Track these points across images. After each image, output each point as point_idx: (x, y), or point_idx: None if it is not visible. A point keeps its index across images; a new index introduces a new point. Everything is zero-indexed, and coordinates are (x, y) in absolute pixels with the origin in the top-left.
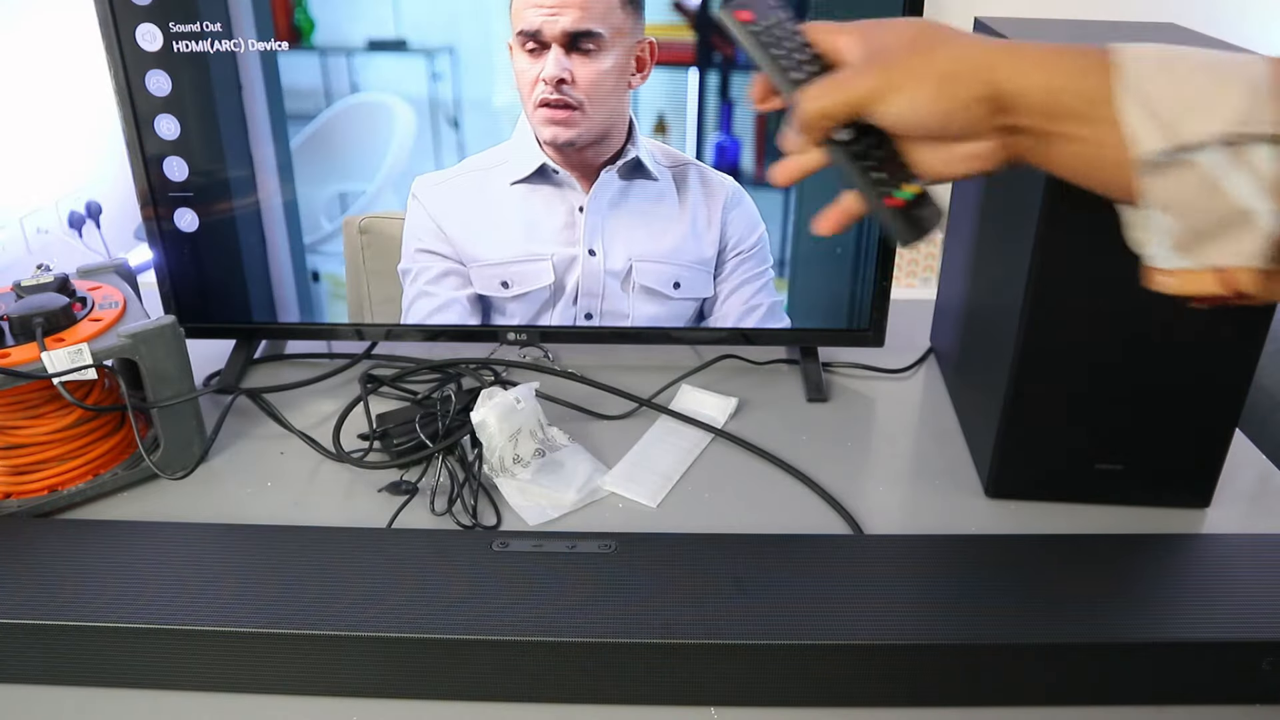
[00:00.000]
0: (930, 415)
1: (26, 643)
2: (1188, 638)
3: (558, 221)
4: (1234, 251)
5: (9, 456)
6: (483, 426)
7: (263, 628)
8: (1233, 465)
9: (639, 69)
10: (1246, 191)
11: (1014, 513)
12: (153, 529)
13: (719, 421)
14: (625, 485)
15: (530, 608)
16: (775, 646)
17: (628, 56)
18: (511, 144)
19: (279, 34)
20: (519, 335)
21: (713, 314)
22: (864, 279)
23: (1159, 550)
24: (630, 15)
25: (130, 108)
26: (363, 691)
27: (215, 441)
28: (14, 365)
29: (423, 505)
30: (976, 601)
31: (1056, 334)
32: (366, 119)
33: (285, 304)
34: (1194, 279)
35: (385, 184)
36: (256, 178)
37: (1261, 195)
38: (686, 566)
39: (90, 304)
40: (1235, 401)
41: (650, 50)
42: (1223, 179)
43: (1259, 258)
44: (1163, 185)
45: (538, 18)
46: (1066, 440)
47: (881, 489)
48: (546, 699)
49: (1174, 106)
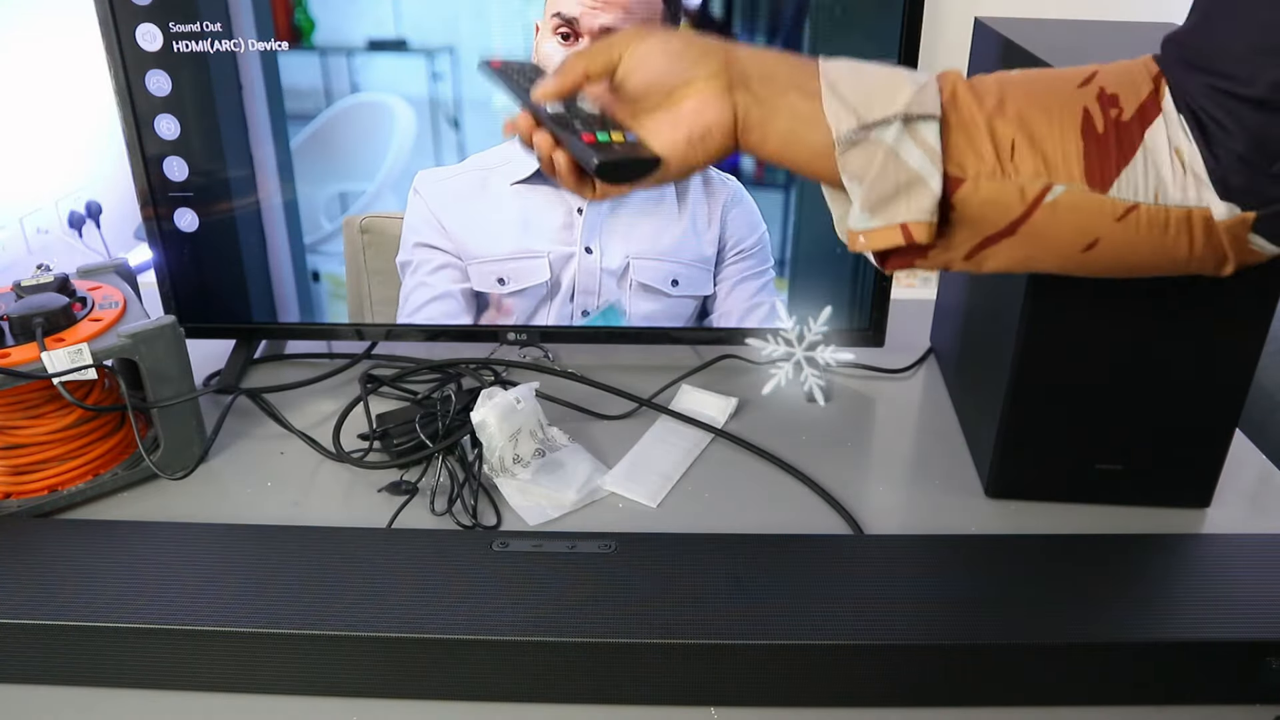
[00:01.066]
0: (930, 415)
1: (26, 643)
2: (1188, 638)
3: (556, 221)
4: (911, 209)
5: (9, 456)
6: (483, 426)
7: (263, 628)
8: (1233, 465)
9: None
10: (918, 159)
11: (1014, 513)
12: (153, 529)
13: (719, 421)
14: (625, 485)
15: (530, 608)
16: (775, 646)
17: None
18: (514, 144)
19: (279, 34)
20: (519, 335)
21: (713, 313)
22: (864, 279)
23: (1159, 550)
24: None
25: (130, 108)
26: (363, 691)
27: (215, 441)
28: (14, 365)
29: (423, 505)
30: (976, 601)
31: (1056, 334)
32: (367, 119)
33: (285, 304)
34: (880, 235)
35: (385, 184)
36: (256, 178)
37: (929, 161)
38: (686, 566)
39: (90, 304)
40: (1235, 401)
41: None
42: (900, 149)
43: (930, 213)
44: (855, 158)
45: (578, 6)
46: (1066, 440)
47: (881, 489)
48: (546, 699)
49: (862, 97)
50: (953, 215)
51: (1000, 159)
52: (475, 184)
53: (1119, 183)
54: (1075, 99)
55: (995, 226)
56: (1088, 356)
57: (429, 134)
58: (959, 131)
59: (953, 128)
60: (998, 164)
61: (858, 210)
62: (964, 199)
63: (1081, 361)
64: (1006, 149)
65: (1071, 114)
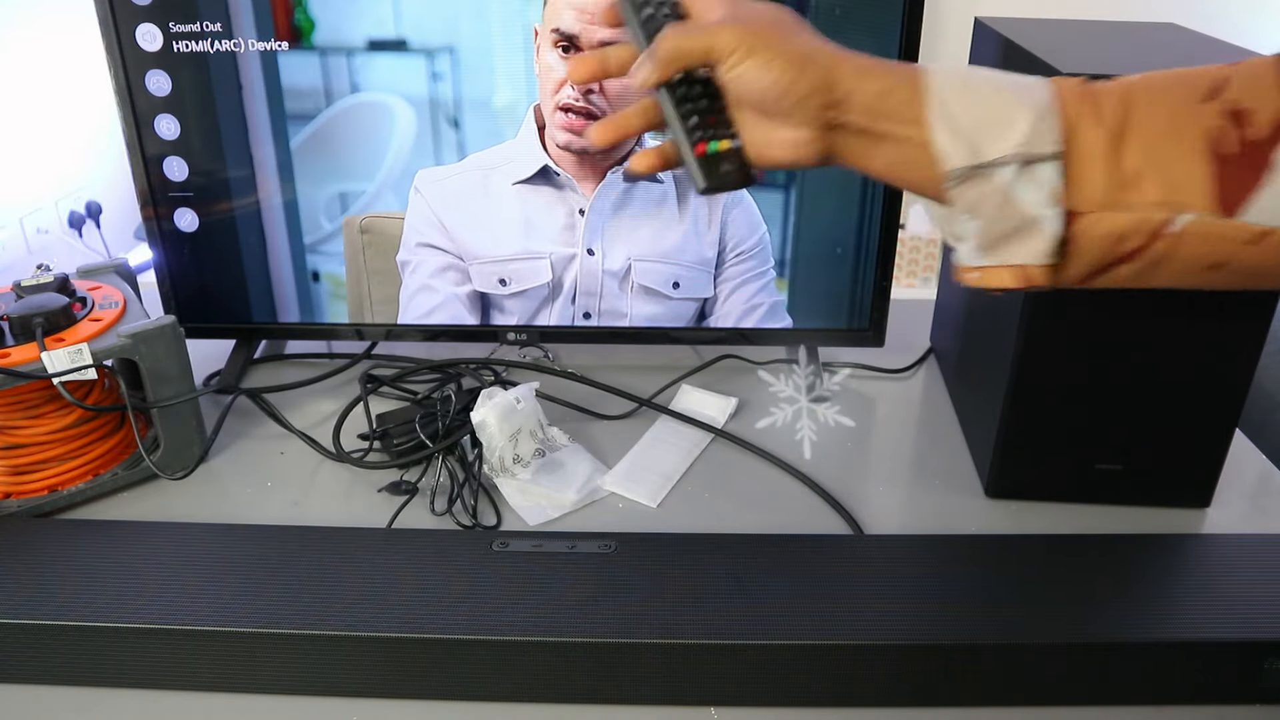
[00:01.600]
0: (930, 415)
1: (26, 643)
2: (1188, 638)
3: (558, 222)
4: (1027, 251)
5: (9, 456)
6: (483, 426)
7: (263, 628)
8: (1233, 465)
9: None
10: (1034, 201)
11: (1014, 513)
12: (153, 529)
13: (719, 421)
14: (625, 485)
15: (530, 608)
16: (775, 646)
17: None
18: (516, 144)
19: (279, 34)
20: (519, 335)
21: (713, 314)
22: (864, 279)
23: (1159, 550)
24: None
25: (130, 108)
26: (363, 691)
27: (215, 441)
28: (14, 365)
29: (423, 505)
30: (976, 601)
31: (1056, 334)
32: (367, 119)
33: (285, 304)
34: (994, 274)
35: (385, 184)
36: (256, 178)
37: (1047, 204)
38: (686, 566)
39: (90, 304)
40: (1235, 401)
41: None
42: (1015, 191)
43: (1048, 256)
44: (967, 194)
45: (576, 23)
46: (1066, 440)
47: (881, 489)
48: (546, 699)
49: (975, 127)
50: (1069, 248)
51: (1124, 190)
52: (476, 184)
53: (1251, 207)
54: (1203, 116)
55: (1114, 256)
56: (1088, 356)
57: (429, 134)
58: (1079, 165)
59: (1074, 162)
60: (1121, 196)
61: (971, 247)
62: (1082, 232)
63: (1081, 361)
64: (1131, 179)
65: (1199, 134)
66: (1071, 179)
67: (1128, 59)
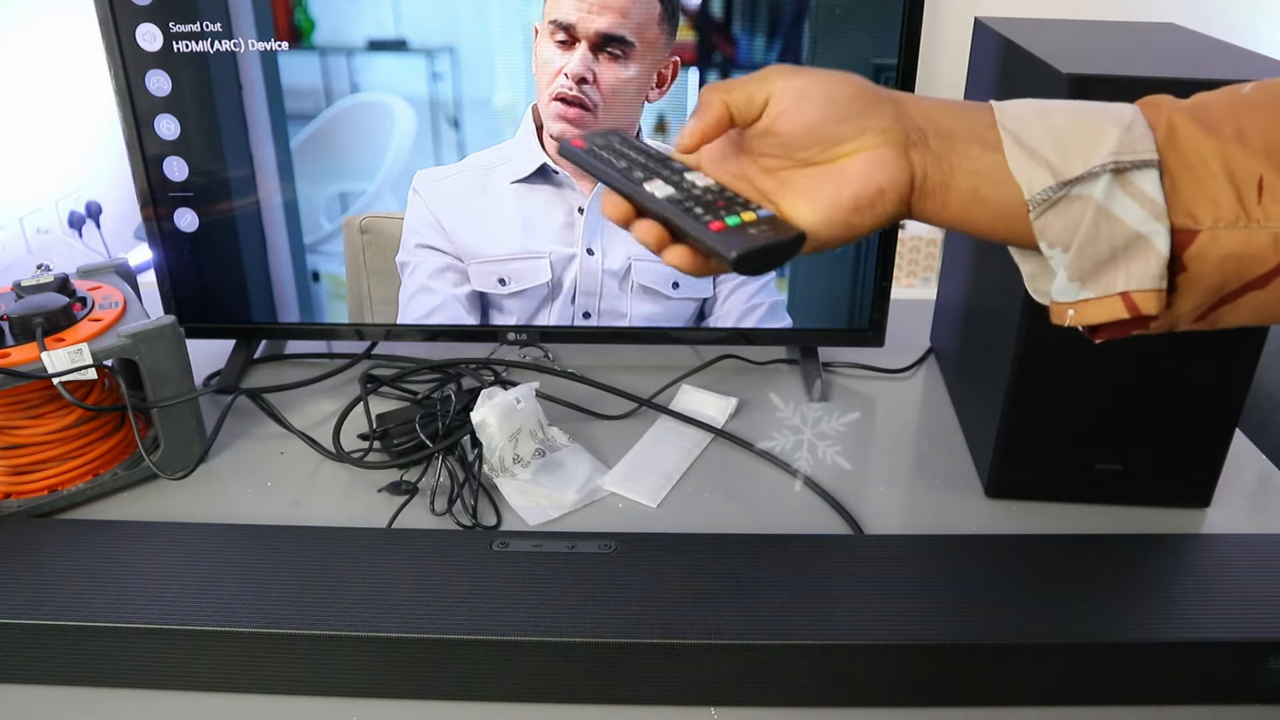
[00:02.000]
0: (930, 415)
1: (26, 643)
2: (1188, 638)
3: (557, 221)
4: (1135, 274)
5: (9, 456)
6: (483, 426)
7: (263, 628)
8: (1233, 465)
9: (659, 84)
10: (1136, 215)
11: (1014, 513)
12: (153, 529)
13: (719, 421)
14: (625, 485)
15: (530, 608)
16: (775, 646)
17: (652, 70)
18: (514, 143)
19: (279, 34)
20: (519, 335)
21: (713, 313)
22: (864, 279)
23: (1159, 550)
24: (664, 32)
25: (130, 108)
26: (363, 691)
27: (215, 441)
28: (14, 365)
29: (423, 505)
30: (976, 601)
31: (1056, 334)
32: (366, 119)
33: (285, 304)
34: (1096, 308)
35: (385, 184)
36: (256, 178)
37: (1151, 217)
38: (686, 566)
39: (90, 304)
40: (1235, 401)
41: (673, 69)
42: (1113, 206)
43: (1157, 280)
44: (1056, 221)
45: (574, 12)
46: (1066, 440)
47: (881, 489)
48: (546, 699)
49: (1054, 147)
50: (1182, 276)
51: (1244, 201)
52: (474, 183)
53: None
54: None
55: (1240, 282)
56: (1088, 356)
57: (429, 134)
58: (1185, 174)
59: (1176, 171)
60: (1240, 209)
61: (1064, 280)
62: (1198, 254)
63: (1081, 361)
64: (1252, 188)
65: None
66: (1178, 188)
67: (1128, 59)
